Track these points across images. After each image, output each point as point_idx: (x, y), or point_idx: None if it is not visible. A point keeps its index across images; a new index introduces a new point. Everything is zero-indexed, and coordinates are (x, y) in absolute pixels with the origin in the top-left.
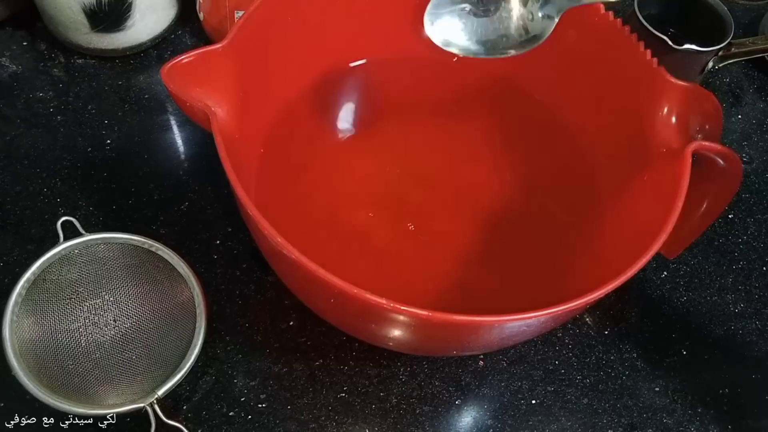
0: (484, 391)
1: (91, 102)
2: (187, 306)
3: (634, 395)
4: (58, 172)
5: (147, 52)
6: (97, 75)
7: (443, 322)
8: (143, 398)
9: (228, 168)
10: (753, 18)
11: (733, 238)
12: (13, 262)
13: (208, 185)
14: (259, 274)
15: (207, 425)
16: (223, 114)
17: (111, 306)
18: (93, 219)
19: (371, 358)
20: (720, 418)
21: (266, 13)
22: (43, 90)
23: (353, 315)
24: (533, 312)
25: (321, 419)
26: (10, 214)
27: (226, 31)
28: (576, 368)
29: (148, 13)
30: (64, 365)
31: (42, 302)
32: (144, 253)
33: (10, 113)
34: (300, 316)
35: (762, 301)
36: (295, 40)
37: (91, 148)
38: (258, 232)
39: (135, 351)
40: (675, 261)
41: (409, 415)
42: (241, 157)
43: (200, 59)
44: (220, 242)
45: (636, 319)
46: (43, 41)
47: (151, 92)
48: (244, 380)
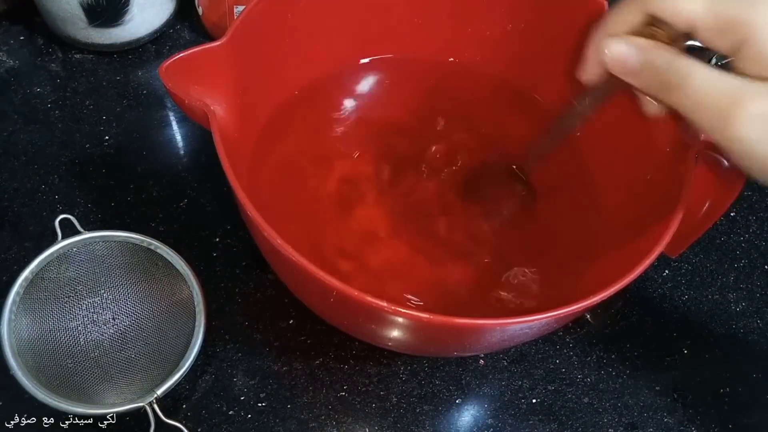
0: (485, 390)
1: (89, 97)
2: (187, 304)
3: (634, 394)
4: (56, 169)
5: (145, 47)
6: (95, 70)
7: (444, 324)
8: (142, 397)
9: (227, 167)
10: None
11: (735, 236)
12: (10, 260)
13: (207, 182)
14: (258, 273)
15: (206, 424)
16: (222, 112)
17: (110, 304)
18: (91, 216)
19: (371, 357)
20: (721, 417)
21: (266, 9)
22: (40, 85)
23: (353, 316)
24: (535, 315)
25: (321, 418)
26: (8, 211)
27: (226, 27)
28: (577, 367)
29: (147, 8)
30: (62, 364)
31: (40, 301)
32: (143, 251)
33: (7, 109)
34: (300, 315)
35: (763, 300)
36: (294, 37)
37: (89, 144)
38: (257, 232)
39: (134, 349)
40: (676, 259)
41: (409, 414)
42: (240, 156)
43: (198, 56)
44: (220, 240)
45: (637, 318)
46: (41, 36)
47: (149, 88)
48: (244, 379)
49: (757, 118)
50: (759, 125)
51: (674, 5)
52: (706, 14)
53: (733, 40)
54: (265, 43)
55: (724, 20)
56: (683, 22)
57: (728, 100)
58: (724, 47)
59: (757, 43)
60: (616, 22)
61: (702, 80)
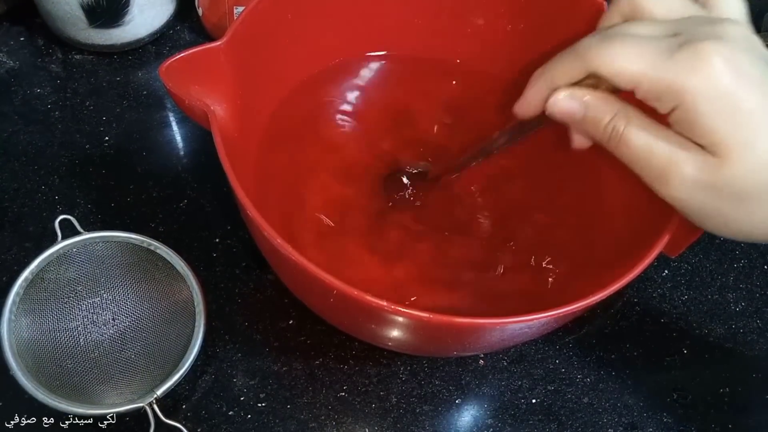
0: (485, 390)
1: (89, 98)
2: (186, 305)
3: (634, 394)
4: (56, 170)
5: (145, 48)
6: (95, 71)
7: (444, 324)
8: (142, 398)
9: (227, 168)
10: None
11: None
12: (10, 261)
13: (207, 183)
14: (258, 273)
15: (206, 425)
16: (222, 112)
17: (110, 305)
18: (91, 217)
19: (371, 357)
20: (721, 417)
21: (266, 9)
22: (40, 86)
23: (353, 316)
24: (534, 314)
25: (321, 418)
26: (8, 212)
27: (226, 27)
28: (576, 367)
29: (147, 9)
30: (62, 364)
31: (40, 301)
32: (143, 251)
33: (7, 109)
34: (300, 315)
35: (763, 300)
36: (295, 37)
37: (89, 145)
38: (257, 232)
39: (134, 350)
40: (676, 259)
41: (409, 415)
42: (240, 156)
43: (199, 57)
44: (219, 240)
45: (637, 318)
46: (41, 37)
47: (149, 88)
48: (244, 379)
49: (687, 181)
50: (689, 188)
51: (615, 67)
52: (645, 77)
53: (670, 103)
54: (265, 43)
55: (662, 84)
56: (625, 81)
57: (663, 162)
58: (661, 108)
59: (689, 111)
60: (559, 72)
61: (639, 141)
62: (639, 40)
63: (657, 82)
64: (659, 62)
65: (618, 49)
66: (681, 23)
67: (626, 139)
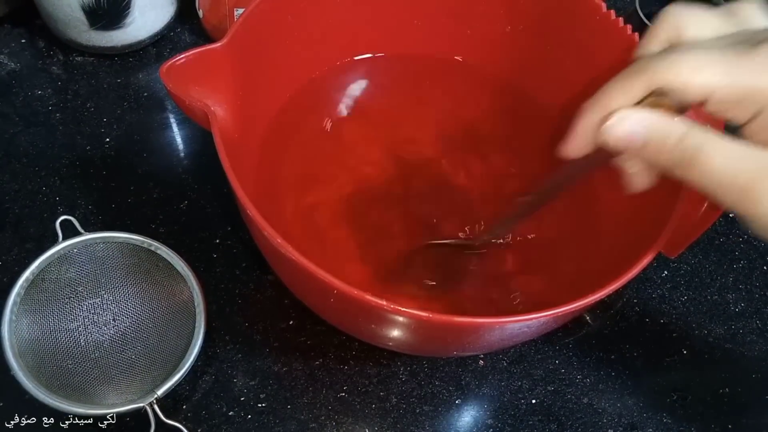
0: (484, 390)
1: (90, 100)
2: (187, 305)
3: (634, 394)
4: (57, 171)
5: (146, 50)
6: (96, 73)
7: (444, 323)
8: (143, 398)
9: (228, 168)
10: None
11: (733, 236)
12: (11, 262)
13: (207, 184)
14: (258, 273)
15: (206, 425)
16: (222, 113)
17: (110, 305)
18: (92, 218)
19: (371, 358)
20: (721, 417)
21: (266, 11)
22: (41, 88)
23: (353, 316)
24: (534, 314)
25: (321, 419)
26: (9, 212)
27: (226, 29)
28: (576, 367)
29: (147, 11)
30: (63, 365)
31: (41, 302)
32: (143, 252)
33: (8, 111)
34: (300, 316)
35: (762, 301)
36: (295, 38)
37: (90, 146)
38: (258, 232)
39: (134, 350)
40: (675, 260)
41: (409, 415)
42: (240, 157)
43: (199, 58)
44: (220, 241)
45: (636, 318)
46: (42, 39)
47: (150, 90)
48: (244, 380)
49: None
50: None
51: (686, 76)
52: (723, 84)
53: (750, 109)
54: (265, 44)
55: (742, 89)
56: (696, 93)
57: (749, 180)
58: (739, 117)
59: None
60: (615, 93)
61: (718, 160)
62: (704, 49)
63: (734, 87)
64: (734, 65)
65: (684, 58)
66: (736, 35)
67: (702, 160)
